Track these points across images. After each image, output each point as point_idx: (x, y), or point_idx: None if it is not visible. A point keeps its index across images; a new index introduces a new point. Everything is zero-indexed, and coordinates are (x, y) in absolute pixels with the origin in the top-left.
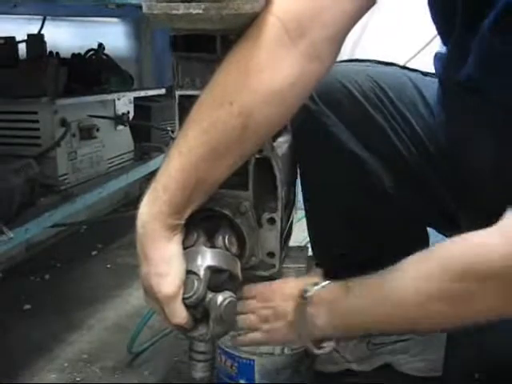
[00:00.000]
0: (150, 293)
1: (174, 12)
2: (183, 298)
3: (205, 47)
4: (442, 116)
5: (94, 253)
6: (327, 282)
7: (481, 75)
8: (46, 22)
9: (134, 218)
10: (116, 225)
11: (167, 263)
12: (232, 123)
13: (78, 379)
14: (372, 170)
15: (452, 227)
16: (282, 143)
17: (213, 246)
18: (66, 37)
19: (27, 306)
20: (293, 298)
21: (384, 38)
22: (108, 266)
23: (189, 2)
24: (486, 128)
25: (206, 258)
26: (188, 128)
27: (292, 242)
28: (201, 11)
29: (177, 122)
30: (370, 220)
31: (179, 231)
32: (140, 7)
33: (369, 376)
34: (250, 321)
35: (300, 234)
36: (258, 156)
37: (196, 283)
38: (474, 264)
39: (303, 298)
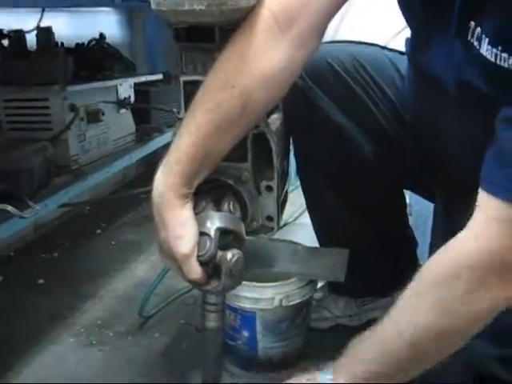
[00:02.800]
0: (168, 254)
1: (180, 8)
2: (197, 256)
3: (205, 37)
4: (411, 91)
5: (98, 231)
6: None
7: (438, 67)
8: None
9: (132, 198)
10: (116, 204)
11: (182, 226)
12: (234, 103)
13: (94, 342)
14: (354, 138)
15: (427, 190)
16: (276, 119)
17: (219, 211)
18: (63, 27)
19: (40, 281)
20: None
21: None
22: (112, 242)
23: None
24: (442, 109)
25: (215, 221)
26: (195, 109)
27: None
28: (203, 7)
29: (182, 104)
30: (352, 183)
31: (190, 199)
32: None
33: (358, 330)
34: None
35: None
36: (255, 131)
37: (208, 243)
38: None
39: None
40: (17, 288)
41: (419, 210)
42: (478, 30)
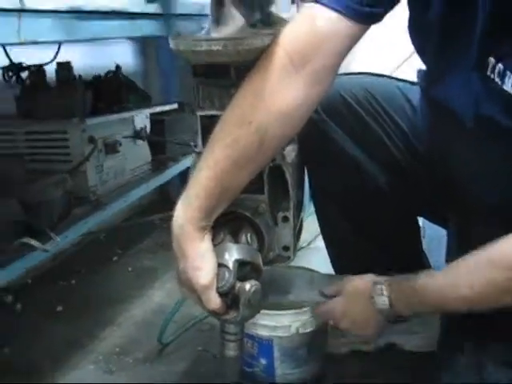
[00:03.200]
0: (187, 284)
1: (198, 49)
2: (217, 288)
3: (221, 74)
4: (425, 122)
5: (114, 258)
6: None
7: (454, 100)
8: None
9: (147, 225)
10: (132, 231)
11: (202, 258)
12: (251, 139)
13: (113, 369)
14: (368, 169)
15: (441, 217)
16: (291, 151)
17: (237, 243)
18: (78, 57)
19: (59, 308)
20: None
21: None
22: (129, 269)
23: (210, 40)
24: (458, 141)
25: (233, 253)
26: (213, 144)
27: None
28: (220, 48)
29: (199, 138)
30: (366, 213)
31: (209, 231)
32: None
33: (375, 355)
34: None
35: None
36: (271, 164)
37: (227, 274)
38: None
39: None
40: (36, 316)
41: (432, 233)
42: (500, 66)
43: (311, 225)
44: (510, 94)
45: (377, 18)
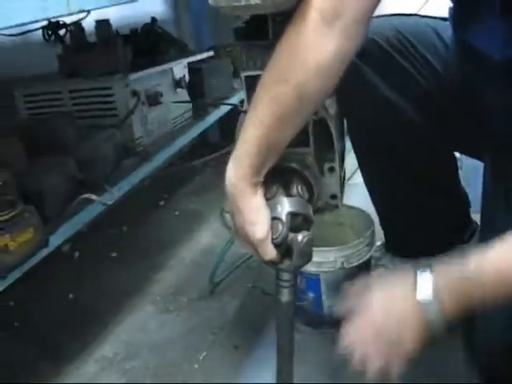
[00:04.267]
0: (244, 238)
1: (237, 4)
2: (272, 239)
3: (260, 35)
4: (456, 59)
5: (161, 203)
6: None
7: (483, 42)
8: None
9: (189, 169)
10: (175, 177)
11: (256, 213)
12: (290, 96)
13: (170, 309)
14: (401, 108)
15: (476, 152)
16: (332, 103)
17: (289, 195)
18: (112, 10)
19: (114, 254)
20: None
21: None
22: (176, 213)
23: None
24: (488, 78)
25: (286, 206)
26: (256, 103)
27: None
28: (258, 1)
29: (245, 98)
30: (402, 149)
31: (261, 186)
32: None
33: None
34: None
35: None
36: (315, 118)
37: (280, 226)
38: None
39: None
40: (93, 262)
41: (470, 164)
42: None
43: (349, 161)
44: None
45: None
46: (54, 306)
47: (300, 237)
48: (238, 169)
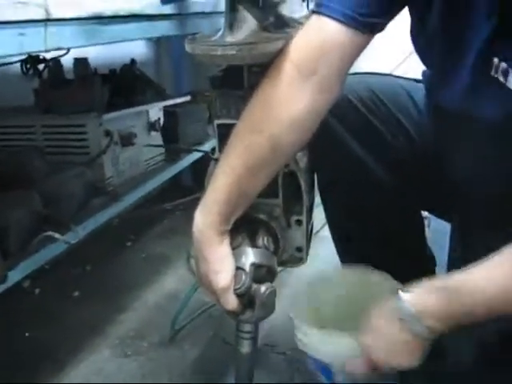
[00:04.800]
0: (208, 286)
1: (213, 53)
2: (234, 289)
3: (236, 84)
4: (429, 121)
5: (128, 244)
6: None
7: (463, 102)
8: None
9: (159, 212)
10: (144, 219)
11: (221, 262)
12: (263, 147)
13: (128, 353)
14: (372, 168)
15: (444, 213)
16: (302, 157)
17: (254, 246)
18: (93, 49)
19: (76, 294)
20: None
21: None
22: (143, 255)
23: (225, 45)
24: (466, 144)
25: (250, 256)
26: (229, 151)
27: None
28: (235, 52)
29: (217, 146)
30: (371, 210)
31: (227, 235)
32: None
33: None
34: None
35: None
36: (285, 170)
37: (244, 277)
38: None
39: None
40: (54, 300)
41: (437, 225)
42: (503, 64)
43: (318, 214)
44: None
45: (377, 27)
46: (9, 344)
47: (263, 288)
48: (207, 216)
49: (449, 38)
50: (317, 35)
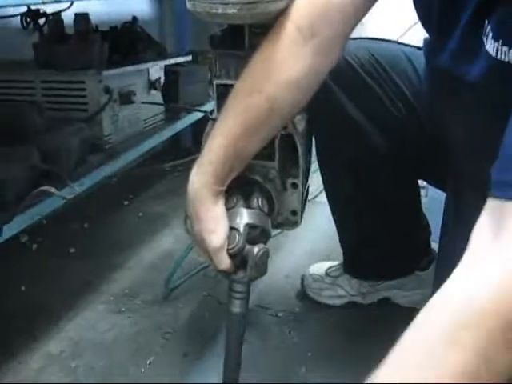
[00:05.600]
0: (201, 245)
1: (214, 11)
2: (227, 249)
3: (236, 44)
4: (427, 88)
5: (125, 203)
6: None
7: (455, 65)
8: None
9: (158, 171)
10: (143, 178)
11: (215, 222)
12: (261, 107)
13: (122, 310)
14: (369, 132)
15: (440, 182)
16: (301, 120)
17: (249, 207)
18: (95, 5)
19: (72, 250)
20: None
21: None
22: (140, 214)
23: (226, 3)
24: (458, 108)
25: (244, 217)
26: (227, 112)
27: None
28: (235, 11)
29: (215, 106)
30: (368, 173)
31: (222, 196)
32: None
33: (369, 308)
34: None
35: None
36: (283, 133)
37: (237, 237)
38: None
39: None
40: (50, 256)
41: (434, 193)
42: (488, 27)
43: (316, 179)
44: (490, 55)
45: None
46: (4, 297)
47: (256, 249)
48: (202, 176)
49: (445, 2)
50: None
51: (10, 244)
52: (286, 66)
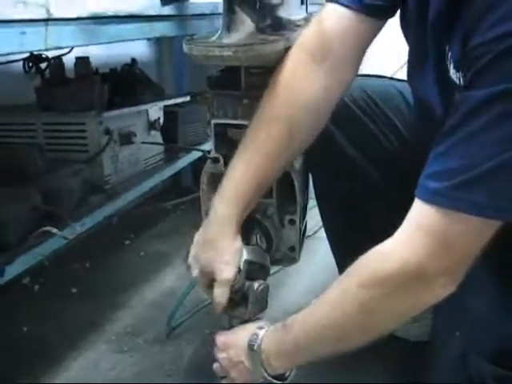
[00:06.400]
0: (206, 273)
1: (211, 53)
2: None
3: (233, 85)
4: (415, 121)
5: (127, 242)
6: (267, 326)
7: (431, 95)
8: None
9: (159, 210)
10: (144, 217)
11: (233, 255)
12: (281, 133)
13: (125, 349)
14: (365, 169)
15: None
16: (298, 158)
17: (248, 244)
18: (95, 48)
19: (74, 290)
20: (243, 348)
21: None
22: (141, 253)
23: (222, 46)
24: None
25: (244, 254)
26: (247, 142)
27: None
28: (231, 53)
29: (213, 143)
30: (365, 209)
31: (239, 229)
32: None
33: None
34: (217, 368)
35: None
36: None
37: (238, 274)
38: (375, 271)
39: (252, 350)
40: (53, 296)
41: None
42: (450, 53)
43: (316, 215)
44: (453, 82)
45: (384, 11)
46: (6, 338)
47: (256, 284)
48: (226, 205)
49: (417, 24)
50: (326, 23)
51: (13, 285)
52: (302, 90)
